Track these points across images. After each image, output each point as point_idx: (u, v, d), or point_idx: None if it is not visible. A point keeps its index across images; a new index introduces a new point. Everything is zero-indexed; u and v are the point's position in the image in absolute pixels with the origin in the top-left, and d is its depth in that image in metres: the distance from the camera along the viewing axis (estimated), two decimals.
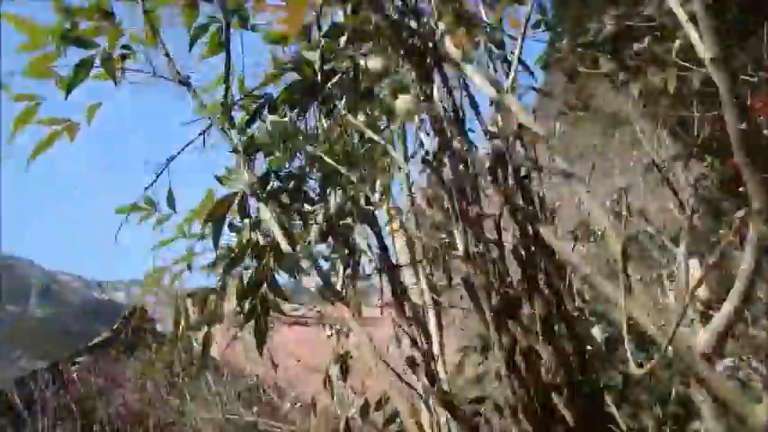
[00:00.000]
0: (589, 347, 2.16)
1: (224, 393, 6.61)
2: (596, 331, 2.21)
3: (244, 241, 2.31)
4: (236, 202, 2.25)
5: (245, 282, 2.31)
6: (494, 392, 2.34)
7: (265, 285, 2.33)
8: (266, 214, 1.99)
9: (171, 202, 2.53)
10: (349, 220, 2.55)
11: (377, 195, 2.68)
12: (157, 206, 2.53)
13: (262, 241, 2.34)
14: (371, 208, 2.57)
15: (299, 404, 7.45)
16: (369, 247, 2.63)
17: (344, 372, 2.63)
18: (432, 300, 3.19)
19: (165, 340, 8.34)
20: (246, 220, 2.32)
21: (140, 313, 9.37)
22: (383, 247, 2.58)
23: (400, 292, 2.65)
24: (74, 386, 6.33)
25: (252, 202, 2.35)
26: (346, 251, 2.26)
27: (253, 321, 2.36)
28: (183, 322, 2.20)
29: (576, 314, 2.28)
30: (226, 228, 2.40)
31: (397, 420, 2.50)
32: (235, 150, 2.05)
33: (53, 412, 5.81)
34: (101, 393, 5.19)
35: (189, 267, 2.46)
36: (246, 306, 2.29)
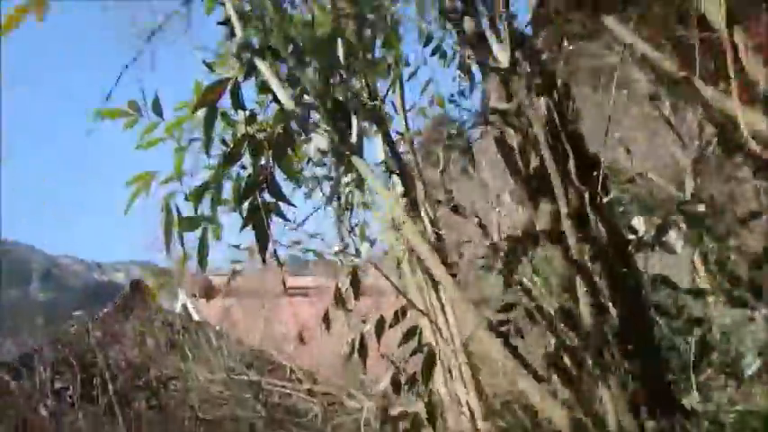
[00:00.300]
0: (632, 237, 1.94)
1: (225, 348, 6.42)
2: (637, 222, 1.99)
3: (239, 136, 2.07)
4: (229, 89, 2.01)
5: (243, 182, 2.08)
6: (523, 299, 2.12)
7: (264, 186, 2.09)
8: (264, 68, 1.75)
9: (157, 107, 2.27)
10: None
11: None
12: (142, 111, 2.28)
13: (259, 136, 2.10)
14: (376, 103, 2.32)
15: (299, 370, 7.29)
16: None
17: (356, 287, 2.40)
18: (434, 235, 3.02)
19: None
20: (241, 113, 2.08)
21: (140, 288, 9.15)
22: (391, 144, 2.35)
23: (413, 193, 2.42)
24: (72, 340, 6.18)
25: (245, 92, 2.10)
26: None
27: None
28: (175, 224, 1.96)
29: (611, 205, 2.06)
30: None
31: (416, 336, 2.29)
32: (226, 20, 1.80)
33: (51, 366, 5.64)
34: (100, 348, 5.00)
35: (179, 178, 2.21)
36: (245, 208, 2.06)
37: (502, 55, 1.48)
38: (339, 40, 2.15)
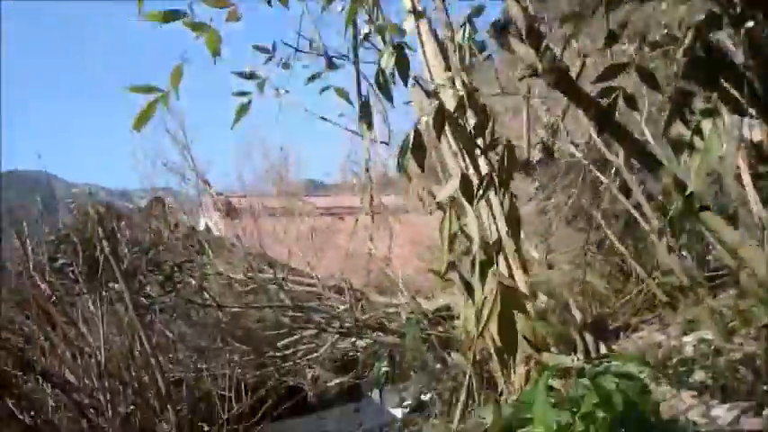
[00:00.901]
0: None
1: (246, 248, 5.95)
2: None
3: None
4: None
5: None
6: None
7: None
8: None
9: None
10: None
11: None
12: None
13: None
14: None
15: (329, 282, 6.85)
16: None
17: (404, 70, 1.80)
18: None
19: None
20: None
21: (159, 201, 8.75)
22: None
23: None
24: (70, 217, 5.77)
25: None
26: None
27: None
28: None
29: None
30: None
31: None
32: None
33: (53, 243, 5.24)
34: (101, 224, 4.53)
35: None
36: None
37: None
38: None
